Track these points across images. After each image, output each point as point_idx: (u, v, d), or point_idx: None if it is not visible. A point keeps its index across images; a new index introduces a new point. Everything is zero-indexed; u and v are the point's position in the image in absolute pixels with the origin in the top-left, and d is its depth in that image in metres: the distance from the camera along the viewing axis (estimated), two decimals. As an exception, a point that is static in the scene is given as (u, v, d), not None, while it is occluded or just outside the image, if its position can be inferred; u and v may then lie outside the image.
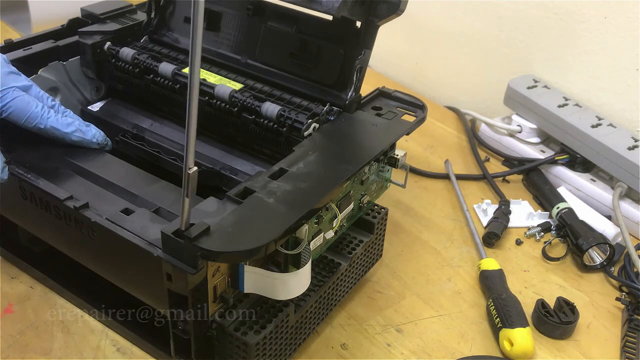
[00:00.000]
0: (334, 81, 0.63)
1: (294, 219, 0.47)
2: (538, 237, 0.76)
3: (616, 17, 0.84)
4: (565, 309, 0.63)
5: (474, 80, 1.05)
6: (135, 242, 0.48)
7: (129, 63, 0.69)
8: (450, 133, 0.98)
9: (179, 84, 0.66)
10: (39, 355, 0.56)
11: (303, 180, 0.51)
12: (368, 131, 0.60)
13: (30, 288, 0.63)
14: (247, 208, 0.48)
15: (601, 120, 0.84)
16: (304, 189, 0.50)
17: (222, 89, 0.63)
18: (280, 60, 0.66)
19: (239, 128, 0.64)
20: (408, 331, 0.62)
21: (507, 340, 0.60)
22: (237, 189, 0.50)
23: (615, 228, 0.75)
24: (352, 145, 0.58)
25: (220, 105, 0.64)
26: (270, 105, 0.61)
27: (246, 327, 0.50)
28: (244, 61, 0.68)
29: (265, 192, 0.49)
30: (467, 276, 0.70)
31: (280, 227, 0.46)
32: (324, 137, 0.58)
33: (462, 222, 0.78)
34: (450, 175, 0.85)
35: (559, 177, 0.85)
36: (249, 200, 0.48)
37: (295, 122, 0.60)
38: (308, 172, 0.52)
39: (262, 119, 0.61)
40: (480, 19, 1.00)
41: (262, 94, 0.64)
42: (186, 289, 0.46)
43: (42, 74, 0.67)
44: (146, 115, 0.71)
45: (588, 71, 0.89)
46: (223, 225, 0.45)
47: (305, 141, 0.57)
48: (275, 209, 0.48)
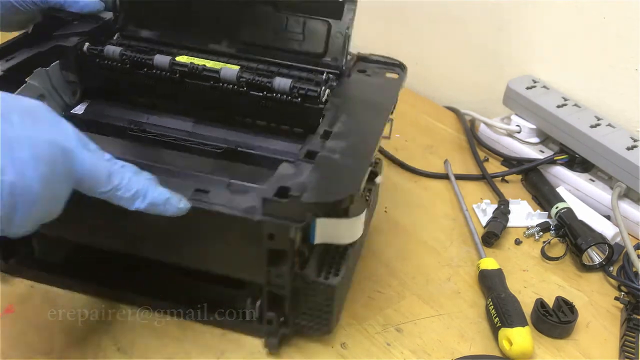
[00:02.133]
0: (322, 50, 0.68)
1: (364, 167, 0.53)
2: (537, 236, 0.76)
3: (616, 17, 0.84)
4: (564, 308, 0.63)
5: (473, 80, 1.05)
6: (234, 214, 0.50)
7: (117, 60, 0.67)
8: (450, 133, 0.98)
9: (177, 72, 0.66)
10: (40, 355, 0.57)
11: (350, 135, 0.57)
12: (372, 89, 0.67)
13: (31, 288, 0.63)
14: (322, 166, 0.53)
15: (600, 121, 0.84)
16: (357, 142, 0.56)
17: (228, 72, 0.65)
18: (265, 38, 0.69)
19: (246, 108, 0.67)
20: (408, 331, 0.62)
21: (507, 340, 0.60)
22: (302, 152, 0.55)
23: (614, 228, 0.75)
24: (367, 102, 0.64)
25: (228, 88, 0.66)
26: (281, 80, 0.65)
27: (325, 273, 0.55)
28: (228, 46, 0.69)
29: (327, 151, 0.55)
30: (467, 276, 0.70)
31: (358, 176, 0.52)
32: (339, 100, 0.64)
33: (462, 222, 0.78)
34: (449, 175, 0.86)
35: (558, 177, 0.85)
36: (320, 160, 0.54)
37: (309, 91, 0.64)
38: (349, 129, 0.58)
39: (275, 93, 0.65)
40: (480, 18, 1.00)
41: (264, 71, 0.67)
42: (287, 244, 0.51)
43: (30, 82, 0.64)
44: (139, 111, 0.70)
45: (588, 71, 0.90)
46: (311, 182, 0.51)
47: (327, 105, 0.63)
48: (345, 162, 0.54)
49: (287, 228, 0.50)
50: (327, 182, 0.52)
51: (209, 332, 0.60)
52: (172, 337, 0.59)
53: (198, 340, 0.59)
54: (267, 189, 0.50)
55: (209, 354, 0.58)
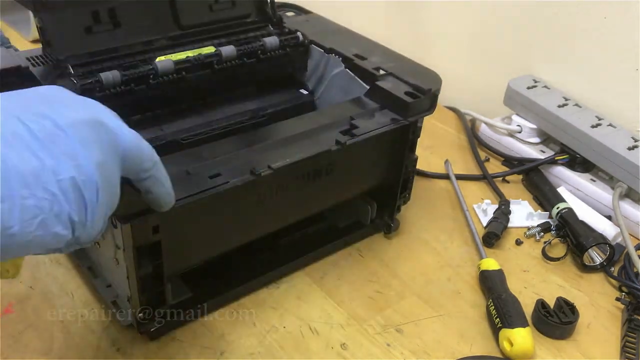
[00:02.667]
0: (254, 9, 0.76)
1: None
2: (538, 237, 0.76)
3: (616, 17, 0.84)
4: (565, 309, 0.63)
5: (474, 80, 1.05)
6: (386, 129, 0.62)
7: (119, 84, 0.63)
8: (450, 133, 0.98)
9: (184, 70, 0.67)
10: (39, 355, 0.56)
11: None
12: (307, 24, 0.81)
13: (30, 288, 0.63)
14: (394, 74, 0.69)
15: (601, 121, 0.84)
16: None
17: (227, 50, 0.70)
18: (203, 17, 0.72)
19: (239, 79, 0.72)
20: (408, 331, 0.62)
21: (507, 340, 0.60)
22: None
23: (615, 228, 0.75)
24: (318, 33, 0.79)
25: (227, 66, 0.70)
26: (270, 39, 0.73)
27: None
28: (173, 35, 0.70)
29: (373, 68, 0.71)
30: (467, 276, 0.70)
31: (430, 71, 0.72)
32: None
33: (462, 222, 0.78)
34: (450, 175, 0.85)
35: (558, 177, 0.85)
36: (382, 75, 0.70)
37: (294, 38, 0.75)
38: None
39: (268, 52, 0.73)
40: (480, 18, 1.00)
41: (232, 42, 0.72)
42: (418, 132, 0.69)
43: None
44: (145, 126, 0.68)
45: (588, 71, 0.89)
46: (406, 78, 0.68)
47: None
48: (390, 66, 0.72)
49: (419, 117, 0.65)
50: (417, 77, 0.67)
51: (209, 332, 0.60)
52: (171, 337, 0.59)
53: (198, 340, 0.59)
54: (402, 96, 0.64)
55: (208, 354, 0.58)
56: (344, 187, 0.68)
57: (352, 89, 0.73)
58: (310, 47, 0.77)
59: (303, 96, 0.79)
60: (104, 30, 0.65)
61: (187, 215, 0.54)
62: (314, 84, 0.79)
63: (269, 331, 0.61)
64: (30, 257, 0.67)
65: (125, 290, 0.56)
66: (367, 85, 0.70)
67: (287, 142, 0.59)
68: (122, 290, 0.58)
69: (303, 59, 0.78)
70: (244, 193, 0.57)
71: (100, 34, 0.65)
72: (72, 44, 0.64)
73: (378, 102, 0.66)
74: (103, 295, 0.61)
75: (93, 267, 0.64)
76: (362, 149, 0.65)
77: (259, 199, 0.59)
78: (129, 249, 0.52)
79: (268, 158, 0.56)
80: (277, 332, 0.61)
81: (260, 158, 0.56)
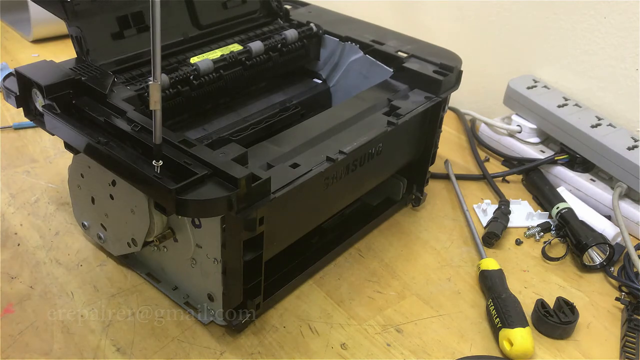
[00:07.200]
0: (258, 7, 0.79)
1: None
2: (538, 237, 0.76)
3: (616, 17, 0.84)
4: (564, 309, 0.63)
5: (474, 80, 1.05)
6: (423, 108, 0.66)
7: (167, 87, 0.65)
8: (450, 133, 0.98)
9: (221, 69, 0.69)
10: (39, 355, 0.57)
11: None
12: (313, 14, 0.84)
13: (30, 288, 0.63)
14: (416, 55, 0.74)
15: (601, 121, 0.84)
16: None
17: (255, 45, 0.72)
18: (217, 15, 0.75)
19: (267, 72, 0.75)
20: (408, 331, 0.62)
21: (507, 340, 0.60)
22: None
23: (614, 228, 0.75)
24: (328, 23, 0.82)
25: (256, 62, 0.73)
26: (289, 31, 0.76)
27: None
28: (197, 34, 0.72)
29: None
30: (467, 276, 0.70)
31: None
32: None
33: (462, 222, 0.78)
34: (450, 175, 0.86)
35: (558, 177, 0.85)
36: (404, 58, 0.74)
37: (309, 29, 0.79)
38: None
39: (289, 45, 0.76)
40: (480, 18, 1.00)
41: (252, 37, 0.75)
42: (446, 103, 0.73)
43: None
44: (189, 126, 0.69)
45: (588, 71, 0.89)
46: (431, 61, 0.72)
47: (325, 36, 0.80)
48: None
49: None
50: (439, 57, 0.72)
51: (209, 333, 0.60)
52: (172, 337, 0.59)
53: (198, 340, 0.59)
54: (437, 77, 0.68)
55: (208, 354, 0.58)
56: (389, 165, 0.72)
57: (373, 74, 0.75)
58: (324, 36, 0.80)
59: (319, 85, 0.81)
60: (132, 35, 0.67)
61: (280, 204, 0.55)
62: (327, 73, 0.82)
63: (269, 331, 0.61)
64: (30, 257, 0.67)
65: (205, 289, 0.59)
66: (390, 68, 0.73)
67: (342, 127, 0.62)
68: (197, 290, 0.60)
69: (317, 49, 0.81)
70: (319, 179, 0.60)
71: (129, 39, 0.67)
72: (105, 50, 0.66)
73: (407, 83, 0.70)
74: (172, 298, 0.63)
75: (152, 272, 0.66)
76: (404, 128, 0.67)
77: (327, 184, 0.62)
78: (232, 243, 0.53)
79: (331, 145, 0.59)
80: (277, 332, 0.61)
81: (324, 146, 0.59)
